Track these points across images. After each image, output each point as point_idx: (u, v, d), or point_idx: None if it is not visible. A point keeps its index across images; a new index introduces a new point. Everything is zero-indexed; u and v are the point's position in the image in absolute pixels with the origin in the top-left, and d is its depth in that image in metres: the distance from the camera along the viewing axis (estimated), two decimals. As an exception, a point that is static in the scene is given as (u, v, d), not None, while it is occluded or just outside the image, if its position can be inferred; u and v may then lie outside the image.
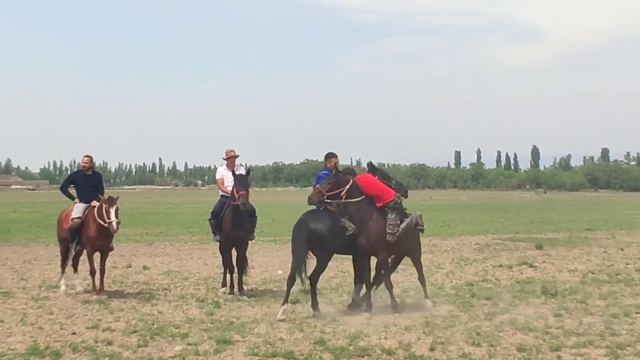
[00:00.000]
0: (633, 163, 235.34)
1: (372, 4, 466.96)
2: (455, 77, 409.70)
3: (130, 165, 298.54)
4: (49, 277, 17.28)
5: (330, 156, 14.16)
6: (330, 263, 13.75)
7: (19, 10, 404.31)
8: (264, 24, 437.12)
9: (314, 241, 12.58)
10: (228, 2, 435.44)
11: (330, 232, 12.71)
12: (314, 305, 12.74)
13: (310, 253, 12.73)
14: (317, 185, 13.26)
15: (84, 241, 14.85)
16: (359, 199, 13.01)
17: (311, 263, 12.73)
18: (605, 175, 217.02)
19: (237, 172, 15.08)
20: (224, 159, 15.75)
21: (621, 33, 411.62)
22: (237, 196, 14.60)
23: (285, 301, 12.51)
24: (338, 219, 12.89)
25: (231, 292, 15.12)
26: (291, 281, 12.57)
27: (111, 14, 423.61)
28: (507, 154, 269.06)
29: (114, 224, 14.27)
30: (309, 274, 12.61)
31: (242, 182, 14.78)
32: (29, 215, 49.17)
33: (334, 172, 13.49)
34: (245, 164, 15.82)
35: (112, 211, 14.31)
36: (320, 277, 13.25)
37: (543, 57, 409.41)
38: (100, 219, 14.38)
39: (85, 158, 15.69)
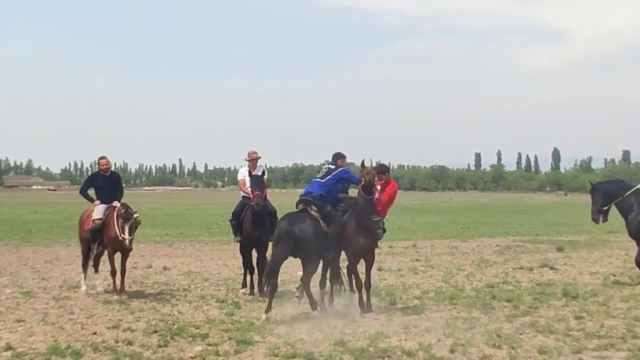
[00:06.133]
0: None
1: (393, 6, 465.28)
2: (477, 79, 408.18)
3: (151, 166, 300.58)
4: (70, 277, 17.37)
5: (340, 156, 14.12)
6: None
7: (41, 13, 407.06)
8: (285, 25, 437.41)
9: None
10: (248, 3, 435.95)
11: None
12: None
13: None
14: None
15: (105, 242, 14.92)
16: None
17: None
18: (626, 178, 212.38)
19: (253, 173, 15.15)
20: (247, 161, 15.78)
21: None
22: (252, 196, 14.69)
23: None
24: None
25: (251, 293, 15.16)
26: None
27: (132, 15, 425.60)
28: (527, 155, 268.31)
29: (127, 241, 14.32)
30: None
31: (257, 182, 14.85)
32: (50, 216, 49.45)
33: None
34: (265, 165, 15.86)
35: (127, 228, 14.35)
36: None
37: (565, 59, 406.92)
38: (117, 228, 14.43)
39: (103, 160, 15.75)
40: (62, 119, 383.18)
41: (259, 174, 15.22)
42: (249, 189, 15.13)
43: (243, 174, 15.85)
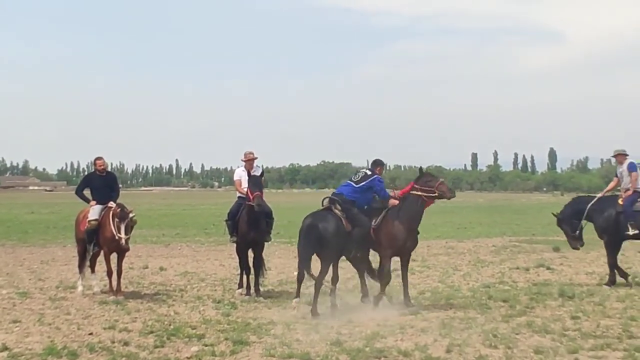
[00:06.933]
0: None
1: (393, 6, 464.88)
2: (474, 80, 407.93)
3: (147, 167, 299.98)
4: (66, 278, 17.37)
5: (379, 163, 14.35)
6: (347, 264, 13.97)
7: (40, 13, 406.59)
8: (283, 25, 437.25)
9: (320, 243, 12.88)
10: (245, 2, 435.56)
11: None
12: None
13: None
14: None
15: (101, 242, 14.91)
16: None
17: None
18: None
19: (252, 173, 15.13)
20: (243, 161, 15.78)
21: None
22: (251, 197, 14.67)
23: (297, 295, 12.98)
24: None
25: (247, 293, 15.15)
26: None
27: (129, 15, 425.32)
28: (524, 156, 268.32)
29: (124, 240, 14.32)
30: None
31: (256, 183, 14.84)
32: (46, 216, 49.42)
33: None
34: (262, 166, 15.86)
35: (123, 227, 14.36)
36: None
37: (562, 60, 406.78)
38: (113, 226, 14.44)
39: (99, 160, 15.74)
40: (59, 120, 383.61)
41: (258, 174, 15.21)
42: (245, 189, 15.13)
43: (239, 174, 15.86)
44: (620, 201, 16.40)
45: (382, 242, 13.51)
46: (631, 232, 16.13)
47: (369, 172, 13.87)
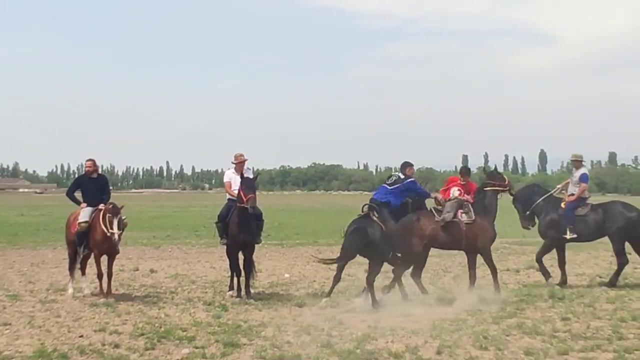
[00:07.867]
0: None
1: (385, 8, 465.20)
2: (463, 81, 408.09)
3: (138, 169, 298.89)
4: (56, 280, 17.32)
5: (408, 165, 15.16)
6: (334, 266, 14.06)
7: (26, 15, 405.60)
8: (273, 27, 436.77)
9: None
10: (235, 3, 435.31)
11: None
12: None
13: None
14: None
15: (92, 244, 14.86)
16: None
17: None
18: (612, 180, 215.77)
19: (245, 176, 15.11)
20: (233, 163, 15.76)
21: (631, 38, 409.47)
22: (245, 199, 14.64)
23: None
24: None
25: (238, 295, 15.13)
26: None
27: (119, 16, 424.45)
28: (514, 157, 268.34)
29: (116, 235, 14.29)
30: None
31: (250, 185, 14.82)
32: (36, 219, 49.22)
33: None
34: (253, 168, 15.84)
35: (115, 222, 14.31)
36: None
37: (552, 62, 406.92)
38: (104, 226, 14.40)
39: (89, 162, 15.71)
40: (49, 122, 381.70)
41: (251, 177, 15.20)
42: (235, 191, 15.12)
43: (229, 176, 15.84)
44: (562, 204, 16.66)
45: (484, 239, 14.91)
46: (569, 236, 16.47)
47: (401, 176, 14.72)
